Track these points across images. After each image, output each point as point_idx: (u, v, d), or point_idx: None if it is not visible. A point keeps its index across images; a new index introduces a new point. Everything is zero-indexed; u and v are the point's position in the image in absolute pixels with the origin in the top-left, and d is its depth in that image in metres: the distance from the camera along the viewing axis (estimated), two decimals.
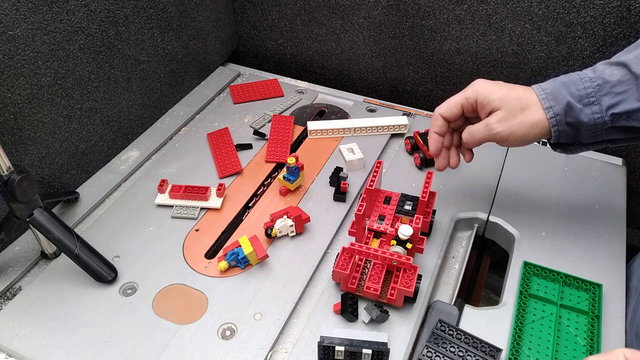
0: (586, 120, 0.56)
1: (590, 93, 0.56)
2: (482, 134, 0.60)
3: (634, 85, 0.54)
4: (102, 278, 0.63)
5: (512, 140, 0.59)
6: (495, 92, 0.59)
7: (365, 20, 0.96)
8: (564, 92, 0.57)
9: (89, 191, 0.77)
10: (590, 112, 0.56)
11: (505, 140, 0.59)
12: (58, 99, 0.71)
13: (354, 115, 0.92)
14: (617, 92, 0.55)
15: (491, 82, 0.60)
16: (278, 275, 0.64)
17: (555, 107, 0.57)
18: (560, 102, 0.56)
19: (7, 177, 0.57)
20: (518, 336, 0.58)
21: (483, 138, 0.60)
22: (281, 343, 0.58)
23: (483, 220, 0.73)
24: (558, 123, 0.57)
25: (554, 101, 0.57)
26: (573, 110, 0.56)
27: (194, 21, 0.94)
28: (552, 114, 0.57)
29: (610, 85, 0.55)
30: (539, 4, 0.81)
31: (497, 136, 0.59)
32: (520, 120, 0.58)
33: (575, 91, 0.56)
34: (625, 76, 0.55)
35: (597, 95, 0.55)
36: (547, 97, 0.57)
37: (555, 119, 0.57)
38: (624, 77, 0.55)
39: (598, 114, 0.55)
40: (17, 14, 0.62)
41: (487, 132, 0.59)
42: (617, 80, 0.55)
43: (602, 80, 0.56)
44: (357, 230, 0.64)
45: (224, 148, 0.83)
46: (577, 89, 0.56)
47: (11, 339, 0.57)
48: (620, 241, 0.69)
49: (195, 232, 0.70)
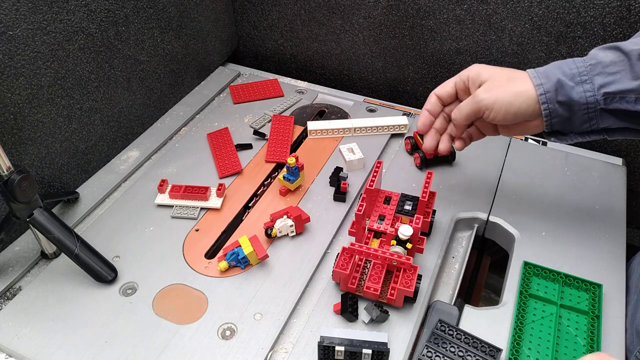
0: (578, 98, 0.55)
1: (583, 72, 0.55)
2: (468, 104, 0.60)
3: (627, 65, 0.54)
4: (102, 278, 0.63)
5: (497, 109, 0.58)
6: (488, 68, 0.60)
7: (365, 20, 0.96)
8: (556, 71, 0.56)
9: (89, 191, 0.77)
10: (582, 89, 0.55)
11: (490, 109, 0.58)
12: (58, 99, 0.71)
13: (354, 115, 0.92)
14: (610, 72, 0.54)
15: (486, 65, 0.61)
16: (278, 275, 0.64)
17: (545, 84, 0.56)
18: (551, 79, 0.56)
19: (7, 177, 0.57)
20: (518, 336, 0.58)
21: (470, 110, 0.60)
22: (281, 343, 0.58)
23: (483, 220, 0.73)
24: (548, 100, 0.56)
25: (545, 78, 0.56)
26: (564, 88, 0.55)
27: (194, 21, 0.94)
28: (542, 90, 0.56)
29: (603, 66, 0.55)
30: (539, 4, 0.81)
31: (481, 104, 0.58)
32: (505, 88, 0.57)
33: (567, 70, 0.56)
34: (618, 57, 0.55)
35: (590, 74, 0.55)
36: (538, 75, 0.57)
37: (545, 96, 0.56)
38: (617, 59, 0.55)
39: (590, 92, 0.55)
40: (17, 14, 0.62)
41: (473, 101, 0.59)
42: (610, 61, 0.55)
43: (595, 60, 0.55)
44: (357, 230, 0.64)
45: (224, 148, 0.83)
46: (569, 68, 0.56)
47: (11, 339, 0.57)
48: (620, 241, 0.69)
49: (195, 232, 0.70)
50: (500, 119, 0.58)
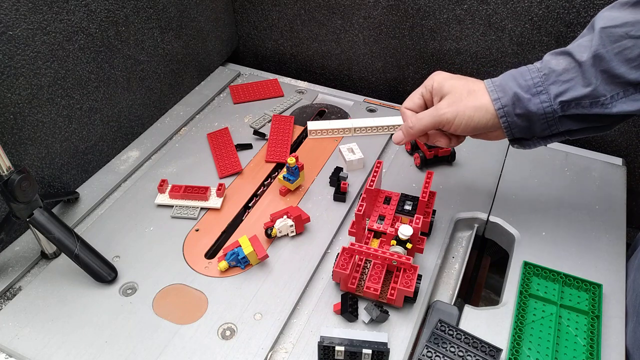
0: (535, 110, 0.56)
1: (538, 83, 0.56)
2: (429, 116, 0.61)
3: (579, 72, 0.55)
4: (102, 278, 0.63)
5: (457, 123, 0.59)
6: (448, 80, 0.61)
7: (365, 20, 0.96)
8: (512, 83, 0.57)
9: (89, 191, 0.77)
10: (538, 101, 0.56)
11: (451, 123, 0.59)
12: (58, 99, 0.71)
13: (354, 115, 0.92)
14: (564, 80, 0.55)
15: (448, 73, 0.63)
16: (278, 275, 0.64)
17: (502, 99, 0.57)
18: (508, 93, 0.57)
19: (7, 177, 0.57)
20: (518, 336, 0.58)
21: (429, 122, 0.61)
22: (281, 343, 0.58)
23: (483, 220, 0.73)
24: (506, 114, 0.58)
25: (502, 92, 0.57)
26: (521, 101, 0.56)
27: (194, 21, 0.94)
28: (499, 104, 0.57)
29: (557, 74, 0.56)
30: (539, 4, 0.81)
31: (443, 117, 0.59)
32: (466, 102, 0.59)
33: (523, 82, 0.57)
34: (570, 64, 0.55)
35: (545, 84, 0.56)
36: (495, 89, 0.58)
37: (503, 110, 0.57)
38: (569, 66, 0.55)
39: (547, 102, 0.56)
40: (17, 14, 0.62)
41: (434, 113, 0.60)
42: (562, 69, 0.56)
43: (549, 69, 0.56)
44: (357, 230, 0.64)
45: (224, 148, 0.83)
46: (524, 80, 0.57)
47: (11, 339, 0.57)
48: (620, 241, 0.69)
49: (195, 232, 0.70)
50: (461, 131, 0.60)
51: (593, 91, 0.54)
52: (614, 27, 0.53)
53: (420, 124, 0.62)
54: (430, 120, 0.61)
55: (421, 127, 0.62)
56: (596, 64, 0.53)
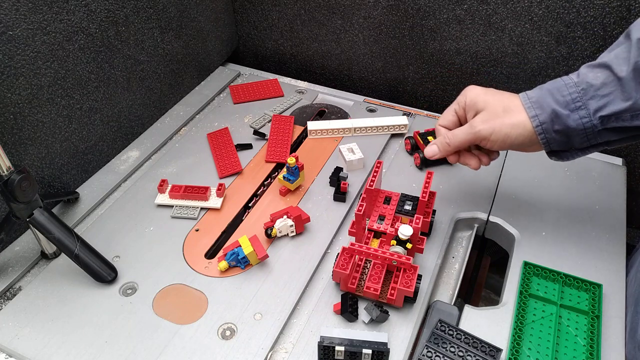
0: (574, 126, 0.56)
1: (576, 98, 0.56)
2: (464, 132, 0.61)
3: (617, 86, 0.54)
4: (102, 278, 0.63)
5: (494, 140, 0.59)
6: (481, 95, 0.61)
7: (365, 20, 0.96)
8: (549, 99, 0.57)
9: (89, 191, 0.77)
10: (577, 117, 0.56)
11: (487, 139, 0.59)
12: (58, 99, 0.71)
13: (354, 115, 0.92)
14: (602, 94, 0.55)
15: (481, 88, 0.62)
16: (278, 275, 0.64)
17: (540, 116, 0.57)
18: (546, 110, 0.57)
19: (7, 177, 0.57)
20: (518, 336, 0.58)
21: (465, 137, 0.61)
22: (281, 343, 0.58)
23: (483, 220, 0.73)
24: (545, 131, 0.57)
25: (539, 109, 0.57)
26: (560, 118, 0.56)
27: (194, 21, 0.94)
28: (537, 122, 0.57)
29: (595, 89, 0.55)
30: (539, 4, 0.81)
31: (479, 134, 0.59)
32: (502, 120, 0.58)
33: (561, 98, 0.56)
34: (608, 78, 0.55)
35: (583, 99, 0.55)
36: (532, 106, 0.57)
37: (541, 127, 0.57)
38: (607, 80, 0.55)
39: (586, 118, 0.55)
40: (17, 14, 0.62)
41: (470, 130, 0.60)
42: (600, 83, 0.55)
43: (586, 84, 0.55)
44: (357, 230, 0.64)
45: (224, 148, 0.83)
46: (562, 96, 0.56)
47: (11, 339, 0.57)
48: (620, 241, 0.69)
49: (195, 232, 0.70)
50: (497, 148, 0.60)
51: (633, 104, 0.53)
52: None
53: (456, 140, 0.62)
54: (465, 137, 0.61)
55: (456, 143, 0.62)
56: (636, 77, 0.53)
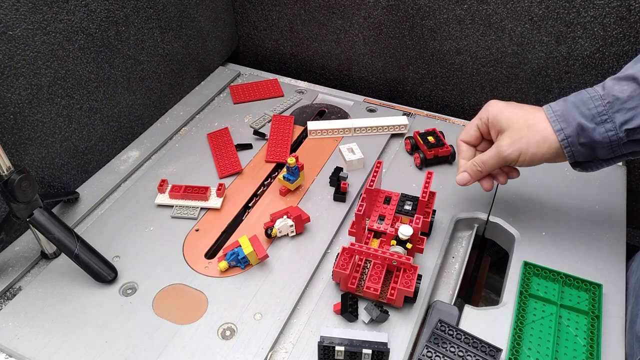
0: (600, 139, 0.56)
1: (602, 111, 0.55)
2: (494, 159, 0.62)
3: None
4: (102, 278, 0.63)
5: (522, 161, 0.60)
6: (504, 111, 0.61)
7: (365, 20, 0.96)
8: (575, 113, 0.56)
9: (89, 191, 0.77)
10: (603, 130, 0.55)
11: (516, 161, 0.60)
12: (58, 99, 0.71)
13: (354, 115, 0.92)
14: (629, 107, 0.54)
15: (503, 103, 0.62)
16: (278, 275, 0.64)
17: (566, 129, 0.57)
18: (571, 124, 0.56)
19: (7, 177, 0.57)
20: (518, 336, 0.58)
21: (495, 163, 0.62)
22: (281, 343, 0.58)
23: (483, 220, 0.73)
24: (570, 145, 0.57)
25: (565, 123, 0.57)
26: (585, 131, 0.56)
27: (194, 21, 0.94)
28: (563, 136, 0.57)
29: (622, 102, 0.54)
30: (539, 4, 0.81)
31: (508, 158, 0.60)
32: (527, 139, 0.59)
33: (587, 111, 0.56)
34: (635, 91, 0.54)
35: (609, 112, 0.55)
36: (557, 120, 0.57)
37: (567, 141, 0.57)
38: (634, 92, 0.54)
39: (612, 131, 0.55)
40: (17, 14, 0.62)
41: (498, 156, 0.61)
42: (627, 96, 0.54)
43: (613, 97, 0.55)
44: (357, 230, 0.64)
45: (224, 148, 0.83)
46: (587, 109, 0.56)
47: (11, 339, 0.57)
48: (620, 241, 0.69)
49: (195, 232, 0.70)
50: (526, 165, 0.61)
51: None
52: None
53: (487, 167, 0.63)
54: (495, 162, 0.62)
55: (488, 169, 0.63)
56: None
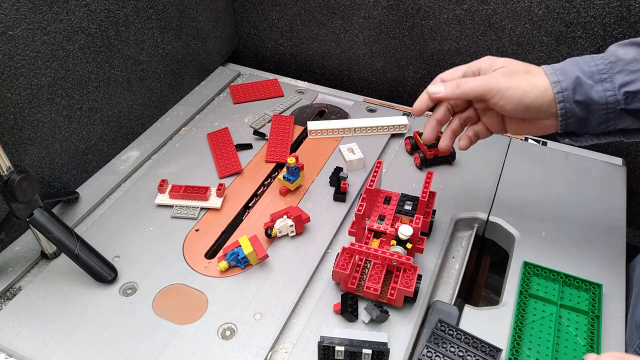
0: (597, 98, 0.52)
1: (602, 70, 0.52)
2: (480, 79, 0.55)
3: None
4: (102, 278, 0.63)
5: (509, 96, 0.53)
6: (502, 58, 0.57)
7: (365, 20, 0.96)
8: (574, 68, 0.53)
9: (89, 191, 0.77)
10: (601, 89, 0.52)
11: (502, 95, 0.53)
12: (58, 99, 0.71)
13: (354, 115, 0.92)
14: (632, 70, 0.51)
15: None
16: (278, 275, 0.64)
17: (563, 82, 0.53)
18: (569, 77, 0.53)
19: (7, 177, 0.57)
20: (518, 336, 0.58)
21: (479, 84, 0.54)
22: (281, 343, 0.58)
23: (483, 220, 0.73)
24: (565, 99, 0.53)
25: (562, 76, 0.53)
26: (583, 87, 0.52)
27: (194, 21, 0.94)
28: (559, 87, 0.53)
29: (624, 63, 0.51)
30: (539, 4, 0.81)
31: (495, 85, 0.54)
32: (523, 77, 0.54)
33: (586, 68, 0.53)
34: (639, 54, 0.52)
35: (610, 72, 0.52)
36: (554, 72, 0.54)
37: (562, 95, 0.53)
38: (639, 56, 0.51)
39: (610, 91, 0.52)
40: (17, 14, 0.62)
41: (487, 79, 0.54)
42: (631, 58, 0.51)
43: (615, 57, 0.52)
44: (357, 230, 0.64)
45: (224, 148, 0.83)
46: (588, 66, 0.53)
47: (11, 339, 0.57)
48: (620, 241, 0.69)
49: (195, 232, 0.70)
50: (511, 108, 0.54)
51: None
52: None
53: (468, 85, 0.55)
54: (480, 83, 0.54)
55: (467, 88, 0.55)
56: None
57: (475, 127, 0.61)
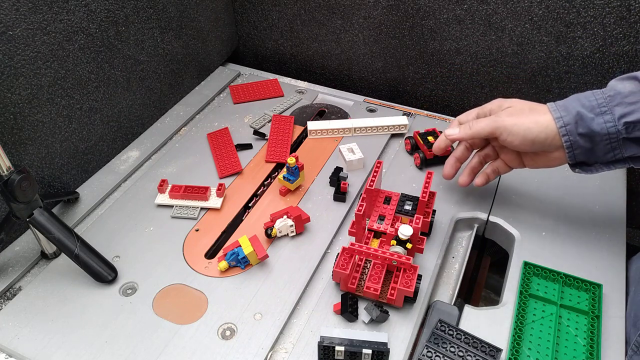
0: (598, 130, 0.56)
1: (602, 103, 0.56)
2: (487, 119, 0.62)
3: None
4: (102, 278, 0.63)
5: (515, 132, 0.59)
6: (510, 99, 0.63)
7: (365, 20, 0.96)
8: (575, 103, 0.58)
9: (89, 191, 0.77)
10: (602, 121, 0.56)
11: (508, 131, 0.60)
12: (58, 99, 0.71)
13: (354, 115, 0.92)
14: (630, 102, 0.55)
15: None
16: (278, 275, 0.64)
17: (565, 117, 0.58)
18: (571, 112, 0.57)
19: (7, 177, 0.57)
20: (518, 336, 0.58)
21: (488, 124, 0.62)
22: (281, 343, 0.58)
23: (483, 220, 0.73)
24: (569, 133, 0.58)
25: (564, 111, 0.58)
26: (584, 120, 0.56)
27: (194, 21, 0.94)
28: (562, 122, 0.58)
29: (622, 96, 0.56)
30: (539, 4, 0.81)
31: (501, 124, 0.60)
32: (527, 115, 0.60)
33: (587, 102, 0.57)
34: (636, 87, 0.55)
35: (609, 105, 0.56)
36: (557, 108, 0.59)
37: (565, 129, 0.58)
38: (635, 88, 0.55)
39: (610, 122, 0.56)
40: (17, 14, 0.62)
41: (494, 118, 0.61)
42: (629, 91, 0.55)
43: (614, 92, 0.56)
44: (357, 230, 0.64)
45: (224, 148, 0.83)
46: (588, 101, 0.57)
47: (11, 339, 0.57)
48: (620, 241, 0.69)
49: (195, 232, 0.70)
50: (518, 143, 0.60)
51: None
52: None
53: (478, 125, 0.63)
54: (488, 123, 0.62)
55: (477, 128, 0.63)
56: None
57: (495, 163, 0.69)
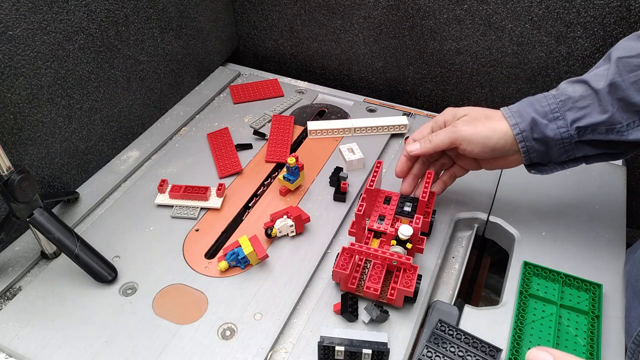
0: (552, 135, 0.58)
1: (554, 109, 0.58)
2: (445, 131, 0.62)
3: (595, 99, 0.56)
4: (102, 278, 0.63)
5: (475, 142, 0.60)
6: (463, 108, 0.64)
7: (365, 20, 0.96)
8: (529, 109, 0.59)
9: (89, 191, 0.77)
10: (555, 126, 0.58)
11: (467, 141, 0.60)
12: (58, 99, 0.71)
13: (354, 115, 0.92)
14: (580, 106, 0.57)
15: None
16: (278, 275, 0.64)
17: (521, 124, 0.59)
18: (526, 119, 0.59)
19: (7, 177, 0.57)
20: (518, 336, 0.58)
21: (446, 135, 0.62)
22: (281, 343, 0.58)
23: (483, 220, 0.73)
24: (525, 139, 0.59)
25: (520, 118, 0.59)
26: (538, 126, 0.58)
27: (194, 21, 0.94)
28: (518, 130, 0.59)
29: (573, 101, 0.57)
30: (539, 4, 0.81)
31: (459, 134, 0.61)
32: (484, 123, 0.61)
33: (540, 108, 0.59)
34: (586, 92, 0.57)
35: (561, 110, 0.58)
36: (512, 115, 0.60)
37: (521, 135, 0.59)
38: (585, 93, 0.57)
39: (563, 128, 0.57)
40: (17, 14, 0.62)
41: (451, 130, 0.62)
42: (579, 95, 0.57)
43: (565, 96, 0.58)
44: (357, 230, 0.64)
45: (224, 148, 0.83)
46: (541, 106, 0.59)
47: (11, 339, 0.57)
48: (620, 241, 0.69)
49: (195, 232, 0.70)
50: (478, 152, 0.61)
51: (609, 118, 0.55)
52: (631, 57, 0.55)
53: (437, 138, 0.63)
54: (447, 134, 0.62)
55: (437, 141, 0.63)
56: (612, 92, 0.55)
57: (452, 169, 0.69)
